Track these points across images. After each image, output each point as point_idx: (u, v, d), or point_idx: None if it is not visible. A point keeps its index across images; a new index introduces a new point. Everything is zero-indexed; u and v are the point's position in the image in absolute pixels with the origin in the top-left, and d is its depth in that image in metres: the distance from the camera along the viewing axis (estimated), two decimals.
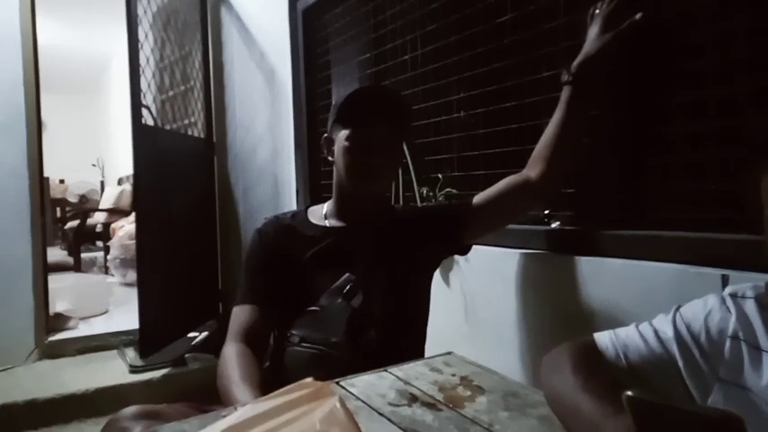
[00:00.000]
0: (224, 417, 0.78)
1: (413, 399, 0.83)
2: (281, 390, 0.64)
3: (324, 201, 1.37)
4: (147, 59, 2.66)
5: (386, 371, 0.96)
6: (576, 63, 1.16)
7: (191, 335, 3.04)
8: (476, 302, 1.60)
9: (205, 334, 3.09)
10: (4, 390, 2.46)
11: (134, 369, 2.65)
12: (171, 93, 3.09)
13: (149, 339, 2.57)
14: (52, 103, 2.98)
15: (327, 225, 1.27)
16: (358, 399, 0.83)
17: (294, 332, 1.17)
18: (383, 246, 1.25)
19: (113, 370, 2.70)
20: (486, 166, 1.62)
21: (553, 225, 1.65)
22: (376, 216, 1.28)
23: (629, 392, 0.47)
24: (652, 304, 1.11)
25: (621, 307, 1.18)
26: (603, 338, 0.82)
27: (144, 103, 2.56)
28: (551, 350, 0.84)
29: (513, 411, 0.78)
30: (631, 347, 0.78)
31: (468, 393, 0.85)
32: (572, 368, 0.73)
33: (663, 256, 1.11)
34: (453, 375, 0.93)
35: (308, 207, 1.36)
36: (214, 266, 3.32)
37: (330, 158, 1.28)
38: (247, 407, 0.60)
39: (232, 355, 1.11)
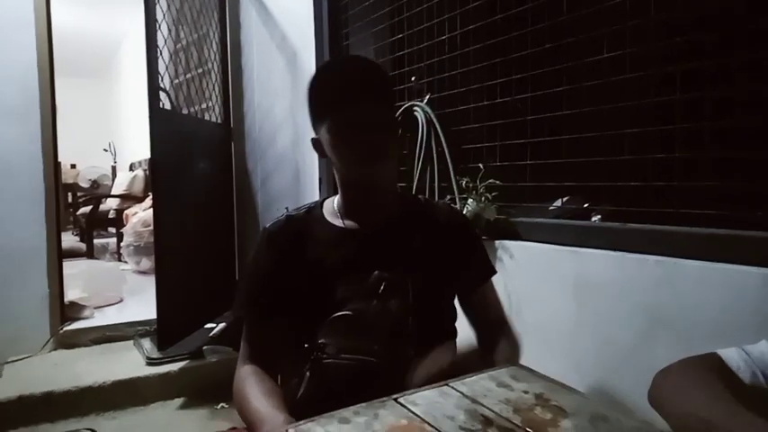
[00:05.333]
0: None
1: (487, 422, 0.73)
2: None
3: None
4: (165, 41, 2.55)
5: (447, 385, 0.86)
6: None
7: (208, 326, 2.96)
8: (521, 302, 1.50)
9: (222, 325, 3.02)
10: (22, 380, 2.39)
11: (151, 361, 2.57)
12: (188, 75, 2.98)
13: (167, 331, 2.50)
14: (62, 87, 2.89)
15: (344, 225, 1.13)
16: (425, 421, 0.73)
17: (326, 341, 1.02)
18: (407, 244, 1.12)
19: (129, 362, 2.62)
20: (535, 155, 1.51)
21: (594, 219, 1.55)
22: (390, 208, 1.14)
23: None
24: (736, 311, 1.01)
25: (699, 314, 1.07)
26: (732, 356, 0.71)
27: (162, 86, 2.45)
28: (666, 367, 0.73)
29: None
30: None
31: (549, 416, 0.75)
32: (712, 387, 0.63)
33: (749, 258, 1.00)
34: (526, 393, 0.82)
35: (323, 200, 1.21)
36: (231, 256, 3.24)
37: (325, 159, 1.14)
38: None
39: (247, 375, 1.06)
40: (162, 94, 2.47)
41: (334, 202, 1.17)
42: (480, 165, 1.64)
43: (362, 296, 1.05)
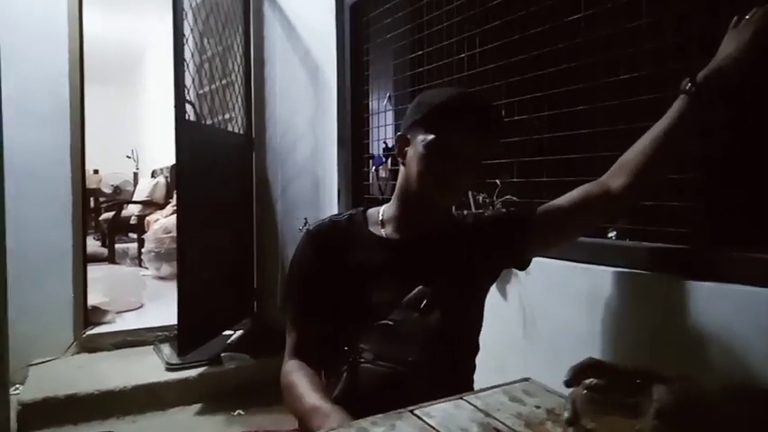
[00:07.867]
0: None
1: None
2: None
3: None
4: (192, 54, 2.62)
5: (461, 398, 0.89)
6: (703, 74, 0.99)
7: (225, 333, 3.02)
8: (535, 316, 1.52)
9: (240, 332, 3.07)
10: (46, 382, 2.47)
11: (170, 367, 2.63)
12: (212, 86, 3.06)
13: (188, 337, 2.55)
14: (87, 93, 2.99)
15: (388, 235, 1.18)
16: None
17: (365, 347, 1.09)
18: (449, 259, 1.17)
19: (149, 367, 2.69)
20: (551, 173, 1.53)
21: (609, 235, 1.57)
22: (438, 226, 1.19)
23: None
24: (742, 330, 1.02)
25: (707, 332, 1.09)
26: None
27: (188, 98, 2.52)
28: None
29: None
30: None
31: (559, 431, 0.77)
32: None
33: (758, 279, 1.02)
34: (538, 408, 0.85)
35: (366, 209, 1.26)
36: (250, 264, 3.30)
37: (400, 159, 1.17)
38: None
39: (296, 369, 1.11)
40: (188, 107, 2.54)
41: (379, 212, 1.22)
42: (497, 180, 1.67)
43: (405, 307, 1.10)
